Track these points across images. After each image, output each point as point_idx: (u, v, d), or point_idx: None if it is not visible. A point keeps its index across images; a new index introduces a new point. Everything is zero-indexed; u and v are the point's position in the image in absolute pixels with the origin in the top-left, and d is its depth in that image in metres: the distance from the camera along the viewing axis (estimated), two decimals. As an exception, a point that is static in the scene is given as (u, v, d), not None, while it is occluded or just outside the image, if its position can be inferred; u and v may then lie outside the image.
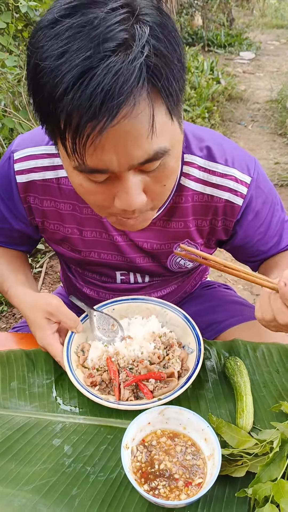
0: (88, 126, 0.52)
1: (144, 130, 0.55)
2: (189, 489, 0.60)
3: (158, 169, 0.61)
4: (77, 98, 0.50)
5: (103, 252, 0.90)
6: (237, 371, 0.77)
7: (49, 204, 0.86)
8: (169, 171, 0.63)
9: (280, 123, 4.88)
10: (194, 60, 6.06)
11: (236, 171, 0.83)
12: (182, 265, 0.93)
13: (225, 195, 0.83)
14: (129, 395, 0.74)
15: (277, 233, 0.92)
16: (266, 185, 0.88)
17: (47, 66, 0.51)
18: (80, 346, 0.84)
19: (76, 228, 0.87)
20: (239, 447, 0.65)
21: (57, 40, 0.51)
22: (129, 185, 0.59)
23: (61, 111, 0.52)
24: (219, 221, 0.86)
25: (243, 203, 0.84)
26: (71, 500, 0.62)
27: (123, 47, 0.50)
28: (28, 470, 0.66)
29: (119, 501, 0.62)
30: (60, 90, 0.50)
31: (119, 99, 0.50)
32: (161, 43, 0.52)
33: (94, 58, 0.49)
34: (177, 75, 0.56)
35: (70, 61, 0.49)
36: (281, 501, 0.55)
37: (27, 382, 0.81)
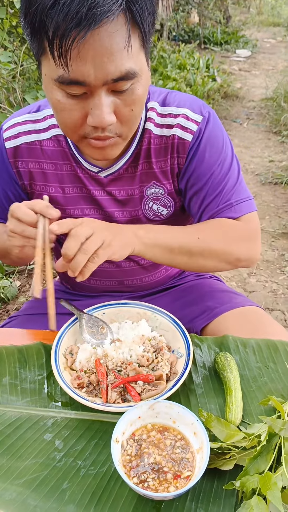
0: (74, 31, 0.62)
1: (120, 46, 0.65)
2: (178, 481, 0.61)
3: (127, 93, 0.71)
4: (65, 7, 0.60)
5: (85, 207, 0.97)
6: (227, 367, 0.78)
7: (34, 166, 0.95)
8: (137, 96, 0.72)
9: (275, 121, 4.90)
10: (190, 57, 6.05)
11: (188, 110, 0.90)
12: (156, 211, 0.98)
13: (177, 131, 0.90)
14: (116, 397, 0.74)
15: (217, 182, 0.92)
16: (216, 131, 0.92)
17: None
18: (68, 348, 0.84)
19: (59, 186, 0.96)
20: (228, 440, 0.66)
21: None
22: (101, 102, 0.69)
23: (51, 19, 0.62)
24: (175, 159, 0.92)
25: (192, 138, 0.89)
26: (62, 494, 0.62)
27: None
28: (19, 464, 0.66)
29: (109, 494, 0.62)
30: (50, 2, 0.61)
31: (101, 9, 0.61)
32: None
33: None
34: (149, 8, 0.67)
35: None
36: (268, 493, 0.56)
37: (19, 378, 0.82)
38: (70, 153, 0.93)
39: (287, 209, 3.21)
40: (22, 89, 2.88)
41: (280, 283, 2.47)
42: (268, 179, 3.61)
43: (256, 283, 2.47)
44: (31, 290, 0.78)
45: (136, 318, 0.91)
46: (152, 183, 0.95)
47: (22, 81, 2.96)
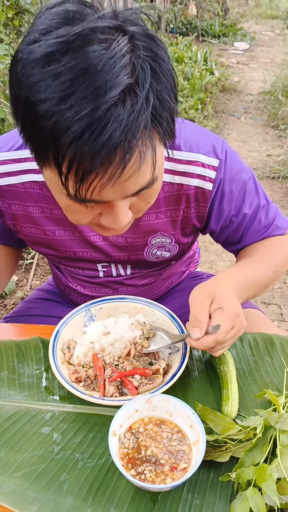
0: (96, 176, 0.53)
1: (147, 172, 0.57)
2: (174, 473, 0.62)
3: (145, 192, 0.62)
4: (86, 149, 0.50)
5: (78, 250, 0.91)
6: (223, 361, 0.79)
7: (17, 208, 0.86)
8: (155, 191, 0.65)
9: (272, 115, 4.89)
10: (188, 50, 6.01)
11: (202, 155, 0.82)
12: (159, 256, 0.94)
13: (194, 181, 0.83)
14: (113, 391, 0.75)
15: (251, 217, 0.91)
16: (236, 165, 0.86)
17: (47, 108, 0.49)
18: (66, 343, 0.85)
19: (49, 229, 0.88)
20: (224, 433, 0.67)
21: (56, 81, 0.49)
22: (118, 209, 0.61)
23: (65, 157, 0.51)
24: (192, 208, 0.86)
25: (213, 187, 0.83)
26: (60, 486, 0.63)
27: (128, 93, 0.50)
28: (17, 457, 0.67)
29: (106, 485, 0.63)
30: (67, 138, 0.49)
31: (129, 154, 0.52)
32: (161, 85, 0.53)
33: (101, 109, 0.48)
34: (173, 113, 0.58)
35: (76, 109, 0.48)
36: (263, 485, 0.57)
37: (17, 372, 0.82)
38: None
39: (284, 204, 3.21)
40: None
41: (277, 278, 2.48)
42: (266, 174, 3.61)
43: (253, 278, 2.48)
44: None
45: (133, 313, 0.91)
46: (159, 234, 0.89)
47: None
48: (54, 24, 0.51)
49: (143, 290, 1.03)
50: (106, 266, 0.97)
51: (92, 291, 1.02)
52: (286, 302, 2.30)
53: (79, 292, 1.04)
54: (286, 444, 0.61)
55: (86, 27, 0.49)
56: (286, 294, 2.36)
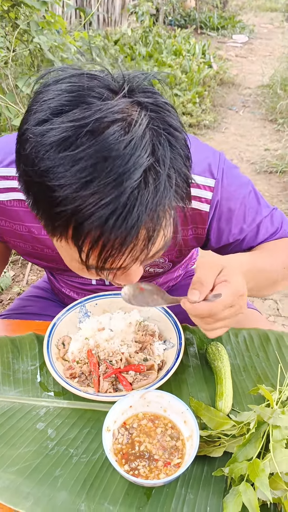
0: (120, 256, 0.52)
1: (158, 239, 0.55)
2: (168, 469, 0.62)
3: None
4: (112, 236, 0.49)
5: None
6: (218, 356, 0.79)
7: (4, 224, 0.84)
8: (163, 248, 0.62)
9: (271, 108, 4.86)
10: (186, 43, 5.97)
11: (197, 176, 0.79)
12: (152, 272, 0.93)
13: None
14: (108, 387, 0.75)
15: (255, 231, 0.88)
16: (234, 182, 0.83)
17: (67, 195, 0.48)
18: (61, 339, 0.85)
19: (37, 246, 0.86)
20: (218, 428, 0.67)
21: (77, 167, 0.47)
22: (133, 270, 0.60)
23: (86, 239, 0.50)
24: (189, 230, 0.84)
25: (210, 208, 0.81)
26: (54, 481, 0.63)
27: (150, 174, 0.49)
28: (12, 453, 0.67)
29: (100, 481, 0.64)
30: (91, 225, 0.48)
31: (153, 237, 0.52)
32: (178, 157, 0.52)
33: (125, 194, 0.47)
34: (189, 179, 0.57)
35: (100, 195, 0.47)
36: (256, 480, 0.57)
37: (12, 368, 0.82)
38: None
39: (281, 198, 3.21)
40: (15, 75, 2.83)
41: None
42: (263, 168, 3.60)
43: (250, 272, 2.48)
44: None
45: (128, 309, 0.91)
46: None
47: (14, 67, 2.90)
48: (65, 103, 0.49)
49: None
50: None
51: (86, 296, 1.01)
52: (283, 297, 2.31)
53: (72, 298, 1.04)
54: (279, 440, 0.61)
55: (101, 107, 0.48)
56: (283, 290, 2.36)
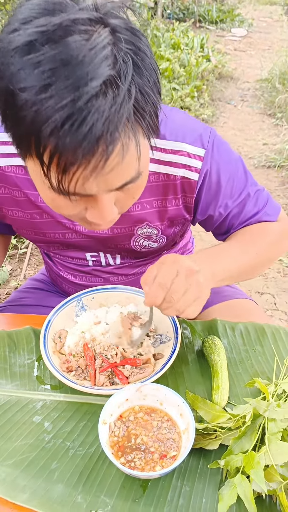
0: (78, 168, 0.52)
1: (129, 165, 0.56)
2: (164, 461, 0.62)
3: (130, 187, 0.62)
4: (67, 141, 0.49)
5: (66, 232, 0.90)
6: (214, 350, 0.79)
7: (3, 191, 0.84)
8: (139, 186, 0.64)
9: (269, 103, 4.85)
10: (184, 36, 5.93)
11: (187, 145, 0.80)
12: (146, 246, 0.94)
13: (179, 171, 0.82)
14: (104, 381, 0.75)
15: (239, 208, 0.90)
16: (224, 155, 0.84)
17: (27, 98, 0.48)
18: (57, 333, 0.85)
19: (35, 213, 0.87)
20: (214, 421, 0.68)
21: (37, 70, 0.48)
22: (103, 204, 0.60)
23: (46, 148, 0.51)
24: (180, 199, 0.86)
25: (199, 177, 0.82)
26: (51, 474, 0.64)
27: (110, 86, 0.49)
28: (8, 446, 0.68)
29: (97, 473, 0.64)
30: (47, 128, 0.49)
31: (111, 146, 0.51)
32: (143, 79, 0.52)
33: (82, 99, 0.47)
34: (157, 108, 0.57)
35: (56, 99, 0.47)
36: (251, 472, 0.58)
37: (8, 362, 0.82)
38: None
39: (279, 193, 3.21)
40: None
41: (270, 267, 2.49)
42: (262, 163, 3.59)
43: (248, 267, 2.48)
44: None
45: (125, 303, 0.91)
46: (145, 224, 0.88)
47: None
48: (34, 14, 0.50)
49: (134, 280, 1.02)
50: (95, 256, 0.97)
51: (83, 279, 1.02)
52: (280, 292, 2.31)
53: (70, 281, 1.04)
54: (274, 432, 0.61)
55: (66, 18, 0.49)
56: (280, 284, 2.37)
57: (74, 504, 0.60)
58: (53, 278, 1.12)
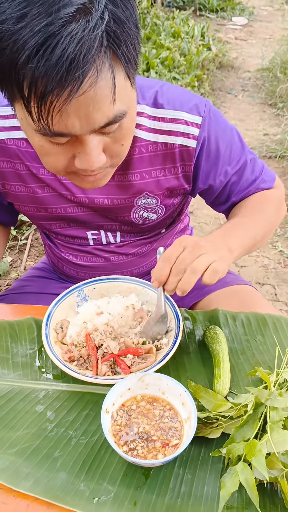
0: (54, 94, 0.53)
1: (106, 96, 0.57)
2: (166, 449, 0.63)
3: (116, 130, 0.64)
4: (41, 66, 0.51)
5: (68, 206, 0.91)
6: (216, 340, 0.79)
7: (6, 165, 0.86)
8: (126, 131, 0.66)
9: (270, 92, 4.80)
10: (185, 25, 5.85)
11: (185, 113, 0.82)
12: (146, 218, 0.94)
13: (177, 140, 0.83)
14: (106, 370, 0.76)
15: (238, 174, 0.92)
16: (220, 123, 0.87)
17: (6, 29, 0.50)
18: (59, 323, 0.85)
19: (37, 187, 0.88)
20: (215, 410, 0.68)
21: (13, 2, 0.50)
22: (90, 147, 0.62)
23: (24, 78, 0.53)
24: (179, 168, 0.87)
25: (197, 144, 0.84)
26: (54, 462, 0.64)
27: (83, 12, 0.51)
28: (11, 434, 0.68)
29: (99, 461, 0.64)
30: (23, 56, 0.51)
31: (84, 68, 0.52)
32: (118, 8, 0.54)
33: (55, 24, 0.49)
34: (134, 40, 0.58)
35: (31, 26, 0.49)
36: (253, 460, 0.58)
37: (10, 352, 0.83)
38: None
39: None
40: None
41: (271, 258, 2.49)
42: (262, 153, 3.56)
43: (248, 258, 2.48)
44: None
45: (126, 293, 0.91)
46: (144, 194, 0.89)
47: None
48: None
49: (134, 260, 1.03)
50: (95, 234, 0.97)
51: (84, 260, 1.02)
52: (280, 282, 2.32)
53: (71, 262, 1.04)
54: (276, 421, 0.62)
55: None
56: (281, 274, 2.37)
57: (77, 491, 0.60)
58: (54, 262, 1.12)
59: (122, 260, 1.02)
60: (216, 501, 0.59)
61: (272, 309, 0.97)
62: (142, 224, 0.95)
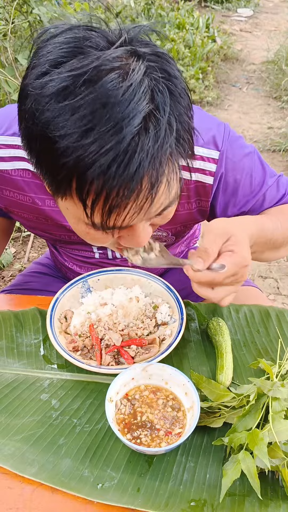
0: (124, 208, 0.52)
1: (166, 189, 0.55)
2: (169, 438, 0.64)
3: (164, 212, 0.61)
4: (114, 183, 0.48)
5: (73, 234, 0.89)
6: (219, 331, 0.80)
7: (9, 194, 0.84)
8: (172, 210, 0.63)
9: (275, 85, 4.76)
10: (190, 16, 5.79)
11: (201, 148, 0.79)
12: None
13: (193, 175, 0.80)
14: (110, 360, 0.77)
15: (258, 200, 0.87)
16: (238, 153, 0.82)
17: (68, 145, 0.48)
18: (63, 313, 0.86)
19: (41, 217, 0.86)
20: (218, 400, 0.69)
21: (75, 116, 0.47)
22: (140, 230, 0.60)
23: (90, 191, 0.50)
24: (193, 203, 0.84)
25: (214, 181, 0.80)
26: (58, 449, 0.65)
27: (150, 121, 0.48)
28: (17, 422, 0.69)
29: (103, 449, 0.66)
30: (93, 173, 0.48)
31: (156, 184, 0.51)
32: (178, 105, 0.52)
33: (126, 139, 0.47)
34: (193, 133, 0.56)
35: (100, 142, 0.47)
36: (255, 448, 0.59)
37: (15, 342, 0.84)
38: None
39: (284, 178, 3.17)
40: (14, 48, 2.75)
41: (274, 252, 2.49)
42: (266, 147, 3.54)
43: (251, 252, 2.48)
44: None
45: (130, 284, 0.92)
46: (156, 230, 0.85)
47: (13, 40, 2.83)
48: (64, 54, 0.49)
49: (141, 270, 1.03)
50: (101, 248, 0.96)
51: (88, 270, 1.01)
52: (283, 276, 2.32)
53: (75, 272, 1.04)
54: (278, 411, 0.63)
55: (99, 56, 0.47)
56: (283, 268, 2.37)
57: (81, 477, 0.61)
58: (58, 266, 1.12)
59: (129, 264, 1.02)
60: (218, 488, 0.60)
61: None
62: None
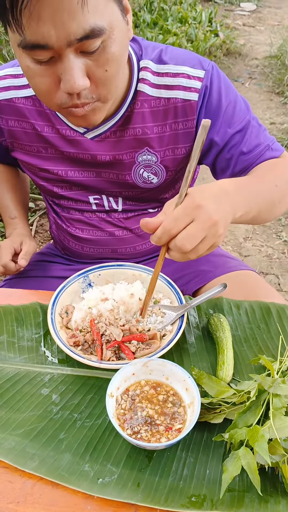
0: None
1: (79, 7, 0.58)
2: (169, 433, 0.64)
3: (98, 52, 0.64)
4: None
5: (69, 169, 0.94)
6: (219, 327, 0.80)
7: (14, 124, 0.91)
8: (110, 55, 0.66)
9: (278, 80, 4.73)
10: (192, 10, 5.74)
11: (187, 67, 0.83)
12: (146, 178, 0.94)
13: (179, 94, 0.84)
14: (111, 355, 0.77)
15: (240, 133, 0.87)
16: (224, 80, 0.86)
17: None
18: (64, 308, 0.85)
19: (41, 147, 0.92)
20: (218, 396, 0.69)
21: None
22: (70, 65, 0.63)
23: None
24: (180, 124, 0.86)
25: (198, 97, 0.84)
26: (59, 443, 0.65)
27: None
28: (17, 416, 0.69)
29: (103, 444, 0.66)
30: None
31: None
32: None
33: None
34: None
35: None
36: (255, 445, 0.59)
37: (16, 336, 0.83)
38: (52, 114, 0.88)
39: (286, 174, 3.16)
40: None
41: (275, 248, 2.48)
42: (269, 142, 3.53)
43: (252, 248, 2.48)
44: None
45: (131, 280, 0.92)
46: (145, 149, 0.89)
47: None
48: None
49: (138, 235, 1.04)
50: (97, 198, 0.99)
51: (89, 234, 1.04)
52: (284, 272, 2.32)
53: (76, 236, 1.06)
54: (278, 407, 0.63)
55: None
56: (284, 264, 2.37)
57: (81, 472, 0.61)
58: (61, 239, 1.13)
59: (126, 235, 1.03)
60: (218, 484, 0.61)
61: (275, 294, 0.97)
62: (143, 186, 0.95)
